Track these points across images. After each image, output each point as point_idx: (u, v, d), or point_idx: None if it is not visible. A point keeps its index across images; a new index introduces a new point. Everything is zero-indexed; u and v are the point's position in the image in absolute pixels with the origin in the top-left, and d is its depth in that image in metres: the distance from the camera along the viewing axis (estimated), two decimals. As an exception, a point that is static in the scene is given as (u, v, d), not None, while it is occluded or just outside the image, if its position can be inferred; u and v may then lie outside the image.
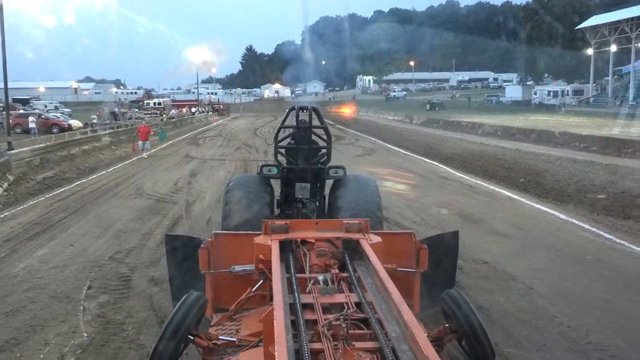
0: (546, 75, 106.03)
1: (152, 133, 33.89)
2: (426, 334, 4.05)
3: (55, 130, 45.01)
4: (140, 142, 30.53)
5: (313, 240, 5.81)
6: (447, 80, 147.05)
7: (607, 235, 12.39)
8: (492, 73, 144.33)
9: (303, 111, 9.63)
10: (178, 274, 6.96)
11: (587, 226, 13.32)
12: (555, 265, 10.27)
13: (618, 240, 11.95)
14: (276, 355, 3.41)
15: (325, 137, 9.64)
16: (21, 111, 55.61)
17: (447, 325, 4.79)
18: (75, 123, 50.39)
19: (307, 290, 4.72)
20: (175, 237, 7.57)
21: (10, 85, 31.52)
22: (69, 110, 71.96)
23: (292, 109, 9.79)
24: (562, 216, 14.50)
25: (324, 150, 9.67)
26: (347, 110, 70.89)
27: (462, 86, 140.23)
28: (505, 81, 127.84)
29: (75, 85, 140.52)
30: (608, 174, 19.38)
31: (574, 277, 9.59)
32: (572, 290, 8.95)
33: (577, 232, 12.98)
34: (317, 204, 9.56)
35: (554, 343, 7.05)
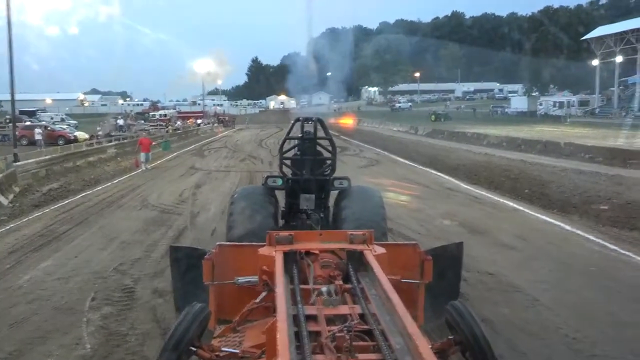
0: (552, 86, 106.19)
1: (154, 144, 33.92)
2: (430, 346, 4.03)
3: (61, 142, 45.19)
4: (142, 154, 30.46)
5: (317, 252, 5.80)
6: (452, 91, 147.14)
7: (612, 247, 12.33)
8: (498, 84, 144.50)
9: (308, 122, 9.65)
10: (182, 285, 6.95)
11: (592, 237, 13.26)
12: (560, 277, 10.22)
13: (623, 252, 11.89)
14: None
15: (330, 149, 9.65)
16: (27, 123, 55.85)
17: (451, 337, 4.75)
18: (81, 135, 50.59)
19: (310, 302, 4.71)
20: (179, 249, 7.58)
21: (16, 97, 31.70)
22: (75, 122, 72.22)
23: (297, 120, 9.81)
24: (568, 227, 14.44)
25: (328, 162, 9.68)
26: (349, 121, 70.76)
27: (467, 97, 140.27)
28: (510, 92, 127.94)
29: (81, 97, 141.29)
30: (614, 185, 19.32)
31: (579, 289, 9.54)
32: (578, 301, 8.90)
33: (582, 243, 12.92)
34: (322, 215, 9.56)
35: (560, 355, 7.01)
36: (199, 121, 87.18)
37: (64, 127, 56.86)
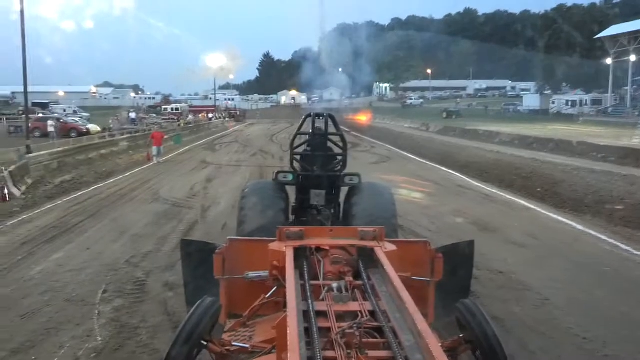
0: (564, 84, 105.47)
1: (165, 138, 34.06)
2: (440, 344, 4.02)
3: (73, 134, 45.38)
4: (154, 148, 30.62)
5: (328, 248, 5.79)
6: (464, 89, 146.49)
7: (624, 247, 12.27)
8: (510, 81, 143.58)
9: (319, 118, 9.64)
10: (193, 279, 6.97)
11: (604, 237, 13.19)
12: (571, 276, 10.18)
13: (636, 252, 11.82)
14: None
15: (341, 144, 9.64)
16: (40, 115, 56.18)
17: (461, 335, 4.74)
18: (94, 127, 50.81)
19: (321, 298, 4.70)
20: (190, 242, 7.60)
21: (29, 89, 31.86)
22: (87, 114, 72.52)
23: (309, 115, 9.80)
24: (580, 227, 14.38)
25: (339, 158, 9.67)
26: (363, 118, 70.61)
27: (479, 94, 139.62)
28: (523, 90, 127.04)
29: (93, 90, 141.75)
30: (626, 185, 19.17)
31: (591, 289, 9.49)
32: (589, 301, 8.87)
33: (594, 243, 12.86)
34: (332, 211, 9.55)
35: (570, 355, 6.98)
36: (210, 115, 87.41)
37: (77, 119, 57.13)
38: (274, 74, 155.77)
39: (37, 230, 13.95)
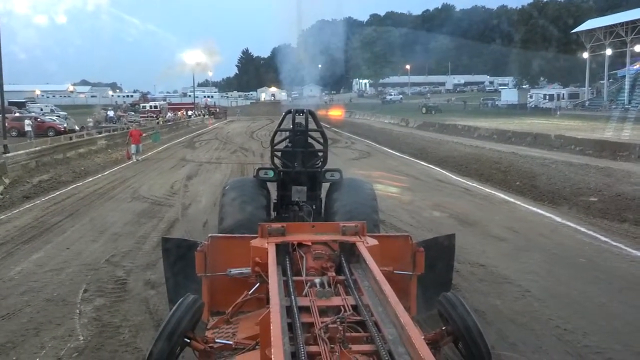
0: (542, 78, 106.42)
1: (144, 135, 33.86)
2: (423, 337, 4.05)
3: (51, 133, 44.88)
4: (133, 146, 30.38)
5: (310, 243, 5.80)
6: (443, 84, 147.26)
7: (602, 238, 12.41)
8: (488, 76, 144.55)
9: (299, 114, 9.63)
10: (174, 277, 6.95)
11: (582, 229, 13.34)
12: (551, 268, 10.28)
13: (614, 243, 11.97)
14: (273, 358, 3.41)
15: (321, 140, 9.64)
16: (17, 114, 55.45)
17: (443, 327, 4.78)
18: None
19: (303, 293, 4.71)
20: (171, 240, 7.57)
21: (6, 88, 31.45)
22: (64, 113, 71.75)
23: (289, 112, 9.78)
24: (558, 219, 14.52)
25: (320, 154, 9.67)
26: (338, 113, 70.51)
27: (458, 89, 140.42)
28: (501, 85, 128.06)
29: (71, 88, 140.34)
30: (603, 177, 19.43)
31: (570, 280, 9.60)
32: (568, 293, 8.96)
33: (572, 235, 13.00)
34: (314, 207, 9.55)
35: (550, 346, 7.05)
36: (189, 113, 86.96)
37: (54, 118, 56.54)
38: (253, 71, 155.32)
39: (16, 230, 13.79)
